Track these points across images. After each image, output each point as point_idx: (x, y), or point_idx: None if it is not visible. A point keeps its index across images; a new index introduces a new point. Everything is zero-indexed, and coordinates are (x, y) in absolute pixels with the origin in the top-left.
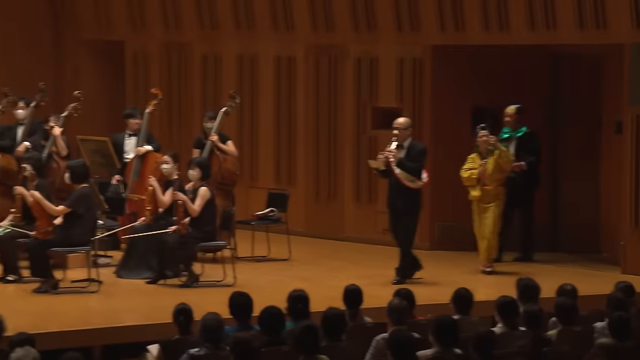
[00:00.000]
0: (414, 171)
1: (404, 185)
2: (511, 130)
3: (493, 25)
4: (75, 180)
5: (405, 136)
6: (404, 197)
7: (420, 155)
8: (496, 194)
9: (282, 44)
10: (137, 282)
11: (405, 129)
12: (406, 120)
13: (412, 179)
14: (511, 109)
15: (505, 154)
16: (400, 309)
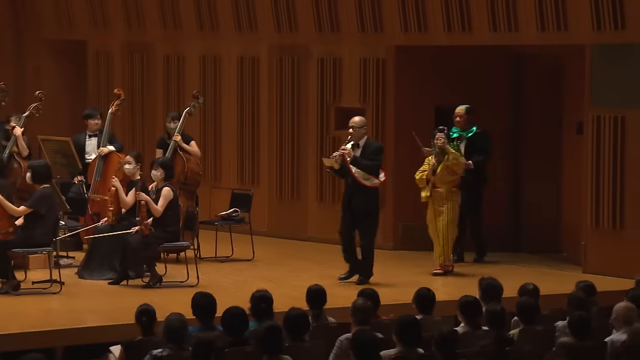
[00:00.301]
0: (370, 169)
1: (361, 183)
2: (460, 130)
3: (455, 26)
4: (37, 180)
5: (360, 135)
6: (361, 196)
7: (376, 153)
8: (449, 196)
9: (246, 44)
10: (99, 282)
11: (360, 128)
12: (361, 119)
13: (368, 177)
14: (461, 109)
15: (454, 156)
16: (364, 309)
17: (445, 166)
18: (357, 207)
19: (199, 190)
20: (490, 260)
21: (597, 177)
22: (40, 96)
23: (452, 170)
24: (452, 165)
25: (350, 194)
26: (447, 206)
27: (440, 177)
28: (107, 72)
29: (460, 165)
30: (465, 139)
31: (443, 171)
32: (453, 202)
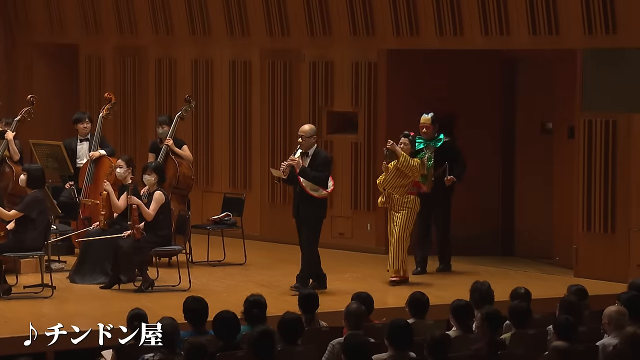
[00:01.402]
0: (318, 181)
1: (308, 194)
2: (427, 140)
3: (447, 30)
4: (32, 184)
5: (309, 144)
6: (308, 206)
7: (324, 164)
8: (405, 202)
9: (237, 48)
10: (91, 287)
11: (310, 137)
12: (311, 127)
13: (316, 188)
14: (426, 118)
15: (405, 159)
16: (358, 313)
17: (396, 169)
18: (303, 217)
19: (191, 194)
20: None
21: (588, 181)
22: (31, 100)
23: (403, 173)
24: (404, 169)
25: (298, 203)
26: (401, 213)
27: (390, 180)
28: (99, 76)
29: (412, 168)
30: (433, 149)
31: (392, 173)
32: (408, 210)
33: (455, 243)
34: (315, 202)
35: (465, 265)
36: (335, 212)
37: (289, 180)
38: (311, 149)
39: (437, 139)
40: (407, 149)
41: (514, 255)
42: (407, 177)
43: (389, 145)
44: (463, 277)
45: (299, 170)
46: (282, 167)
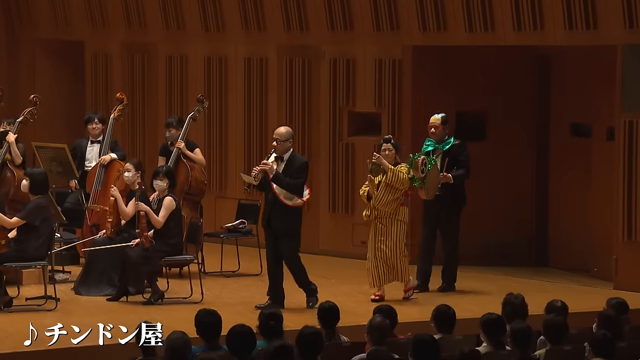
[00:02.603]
0: (292, 188)
1: (282, 202)
2: (436, 142)
3: (477, 25)
4: (34, 190)
5: (285, 148)
6: (282, 215)
7: (299, 170)
8: (396, 213)
9: (253, 44)
10: (97, 299)
11: (285, 140)
12: (287, 130)
13: (290, 197)
14: (436, 118)
15: (394, 174)
16: (381, 327)
17: (385, 184)
18: (277, 227)
19: (204, 200)
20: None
21: (629, 187)
22: (35, 100)
23: (394, 188)
24: (394, 183)
25: (270, 212)
26: (394, 226)
27: (381, 198)
28: (106, 75)
29: (402, 181)
30: (441, 152)
31: (382, 191)
32: (399, 222)
33: (486, 252)
34: (289, 211)
35: (496, 276)
36: (356, 219)
37: (261, 187)
38: (286, 153)
39: (447, 141)
40: (392, 156)
41: (548, 266)
42: (399, 190)
43: (374, 159)
44: (495, 288)
45: (272, 176)
46: (254, 173)
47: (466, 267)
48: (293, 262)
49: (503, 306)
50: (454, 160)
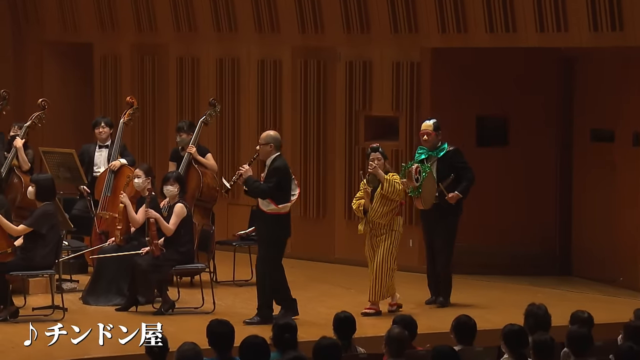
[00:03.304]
0: (259, 193)
1: (259, 208)
2: (429, 150)
3: (498, 26)
4: (41, 196)
5: (265, 152)
6: (260, 223)
7: (270, 175)
8: (389, 224)
9: (267, 46)
10: (105, 309)
11: (266, 144)
12: (267, 134)
13: (265, 203)
14: (427, 124)
15: (390, 184)
16: (400, 338)
17: (381, 196)
18: (257, 234)
19: (216, 207)
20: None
21: None
22: (43, 104)
23: (389, 199)
24: (389, 194)
25: (255, 219)
26: (384, 236)
27: (378, 210)
28: (115, 78)
29: (397, 192)
30: (435, 160)
31: (377, 202)
32: (392, 232)
33: (507, 261)
34: (267, 219)
35: (519, 286)
36: None
37: (247, 192)
38: (269, 158)
39: (440, 148)
40: (381, 165)
41: (572, 275)
42: (394, 201)
43: (370, 169)
44: (517, 298)
45: (243, 181)
46: (235, 176)
47: (486, 276)
48: (270, 271)
49: (525, 317)
50: (451, 168)
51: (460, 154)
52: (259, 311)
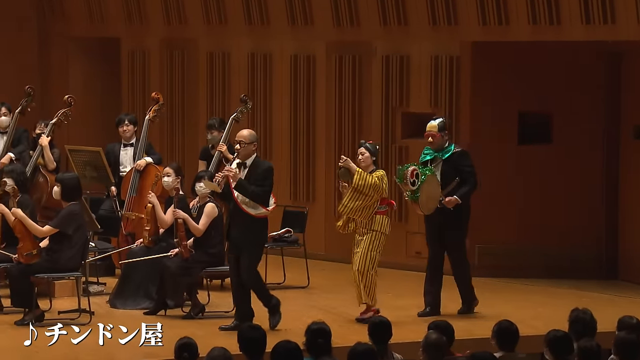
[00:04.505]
0: (257, 197)
1: (245, 212)
2: (435, 151)
3: (541, 18)
4: (66, 196)
5: (248, 152)
6: (243, 226)
7: (264, 177)
8: (369, 224)
9: (300, 40)
10: (133, 312)
11: (250, 144)
12: (250, 132)
13: (254, 205)
14: (432, 125)
15: (361, 177)
16: (438, 344)
17: (352, 189)
18: (238, 239)
19: None
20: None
21: None
22: (69, 101)
23: (362, 193)
24: (360, 187)
25: (231, 223)
26: (365, 237)
27: (348, 204)
28: (143, 73)
29: (372, 186)
30: (441, 162)
31: (348, 196)
32: (373, 233)
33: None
34: (254, 222)
35: (562, 290)
36: (410, 227)
37: (223, 196)
38: (250, 158)
39: (446, 149)
40: (368, 160)
41: (618, 279)
42: (369, 196)
43: (341, 162)
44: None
45: (234, 184)
46: (217, 179)
47: (530, 280)
48: (251, 276)
49: (570, 322)
50: (456, 171)
51: (467, 157)
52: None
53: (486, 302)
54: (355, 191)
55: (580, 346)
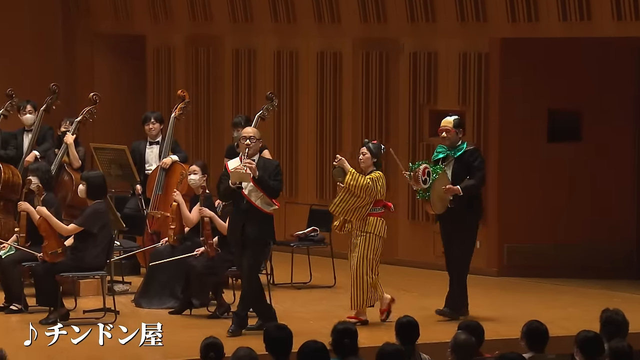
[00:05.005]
0: (274, 192)
1: (258, 209)
2: (448, 149)
3: (572, 14)
4: (92, 195)
5: (257, 148)
6: (255, 224)
7: (277, 173)
8: (364, 225)
9: (327, 37)
10: (159, 312)
11: (259, 140)
12: (255, 129)
13: (268, 202)
14: (448, 121)
15: (352, 177)
16: (467, 345)
17: (343, 190)
18: (251, 236)
19: None
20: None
21: None
22: (94, 98)
23: (354, 194)
24: (352, 188)
25: (244, 221)
26: (360, 239)
27: (339, 204)
28: (169, 71)
29: (363, 187)
30: (453, 160)
31: (340, 196)
32: (367, 235)
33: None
34: (266, 219)
35: (593, 290)
36: (437, 227)
37: (225, 195)
38: (256, 155)
39: (459, 147)
40: (368, 161)
41: None
42: (360, 197)
43: (336, 162)
44: (592, 303)
45: (257, 177)
46: (242, 169)
47: (560, 279)
48: (250, 278)
49: (602, 323)
50: (466, 168)
51: (477, 153)
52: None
53: (515, 303)
54: (347, 192)
55: (611, 347)
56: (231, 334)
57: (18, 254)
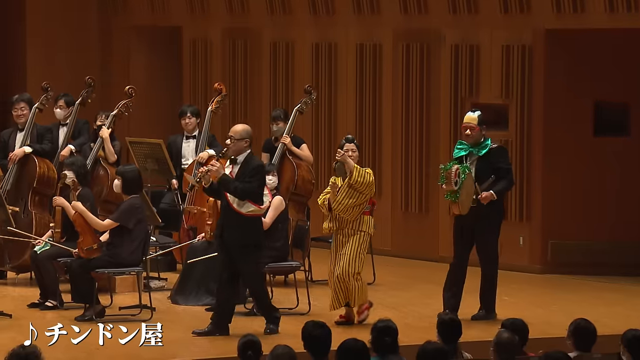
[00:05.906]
0: (241, 193)
1: (234, 210)
2: (470, 146)
3: (619, 4)
4: (127, 190)
5: (239, 148)
6: (235, 226)
7: (253, 174)
8: (358, 224)
9: (366, 29)
10: (195, 309)
11: (241, 139)
12: (244, 128)
13: (242, 204)
14: (471, 117)
15: (360, 174)
16: (510, 344)
17: (348, 185)
18: (230, 240)
19: (311, 201)
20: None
21: None
22: (130, 92)
23: (357, 191)
24: (357, 185)
25: (223, 222)
26: (353, 237)
27: (341, 201)
28: (205, 63)
29: (369, 184)
30: (477, 159)
31: (343, 193)
32: (361, 234)
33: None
34: (245, 221)
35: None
36: None
37: (210, 191)
38: (242, 155)
39: (483, 145)
40: (356, 157)
41: None
42: (363, 194)
43: (339, 157)
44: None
45: (217, 179)
46: (199, 173)
47: (604, 277)
48: (253, 279)
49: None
50: (493, 169)
51: (505, 153)
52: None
53: (560, 301)
54: (351, 188)
55: None
56: (269, 332)
57: (53, 250)
